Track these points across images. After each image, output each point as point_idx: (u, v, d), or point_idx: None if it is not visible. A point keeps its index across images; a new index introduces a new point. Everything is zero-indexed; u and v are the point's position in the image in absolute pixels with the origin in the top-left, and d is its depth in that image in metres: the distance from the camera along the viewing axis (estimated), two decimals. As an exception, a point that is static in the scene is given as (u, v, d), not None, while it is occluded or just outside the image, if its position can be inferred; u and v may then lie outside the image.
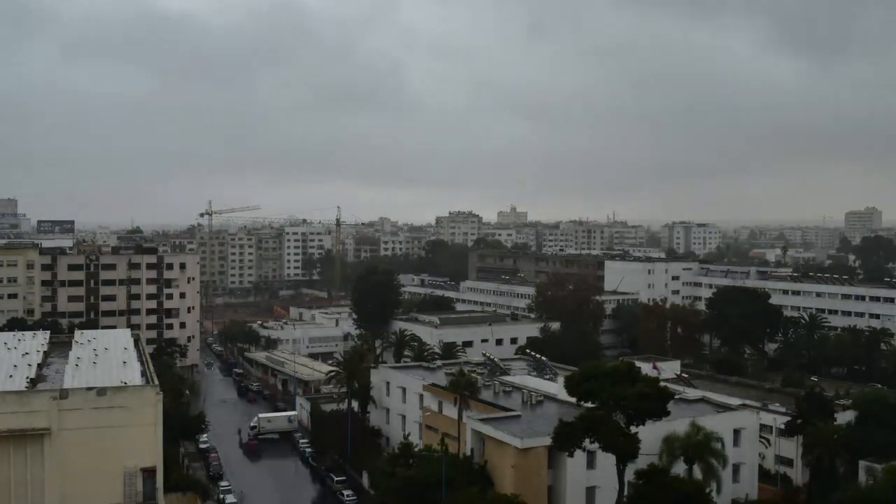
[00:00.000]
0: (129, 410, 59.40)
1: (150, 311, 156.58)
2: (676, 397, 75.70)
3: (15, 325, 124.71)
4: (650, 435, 66.97)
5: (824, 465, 79.10)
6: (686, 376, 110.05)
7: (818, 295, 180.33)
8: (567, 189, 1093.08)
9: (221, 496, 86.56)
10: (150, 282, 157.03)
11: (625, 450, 61.69)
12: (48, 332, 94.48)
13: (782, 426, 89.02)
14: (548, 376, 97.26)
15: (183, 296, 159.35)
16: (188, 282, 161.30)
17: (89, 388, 59.96)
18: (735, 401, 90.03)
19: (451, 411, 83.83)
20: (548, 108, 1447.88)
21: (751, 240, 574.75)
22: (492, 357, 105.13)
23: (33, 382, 64.19)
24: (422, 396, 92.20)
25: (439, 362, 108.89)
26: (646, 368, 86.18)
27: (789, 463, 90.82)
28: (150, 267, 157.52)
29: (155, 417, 60.16)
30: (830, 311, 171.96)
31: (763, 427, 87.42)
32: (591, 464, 69.24)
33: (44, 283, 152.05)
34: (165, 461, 67.03)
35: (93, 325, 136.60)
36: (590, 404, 66.09)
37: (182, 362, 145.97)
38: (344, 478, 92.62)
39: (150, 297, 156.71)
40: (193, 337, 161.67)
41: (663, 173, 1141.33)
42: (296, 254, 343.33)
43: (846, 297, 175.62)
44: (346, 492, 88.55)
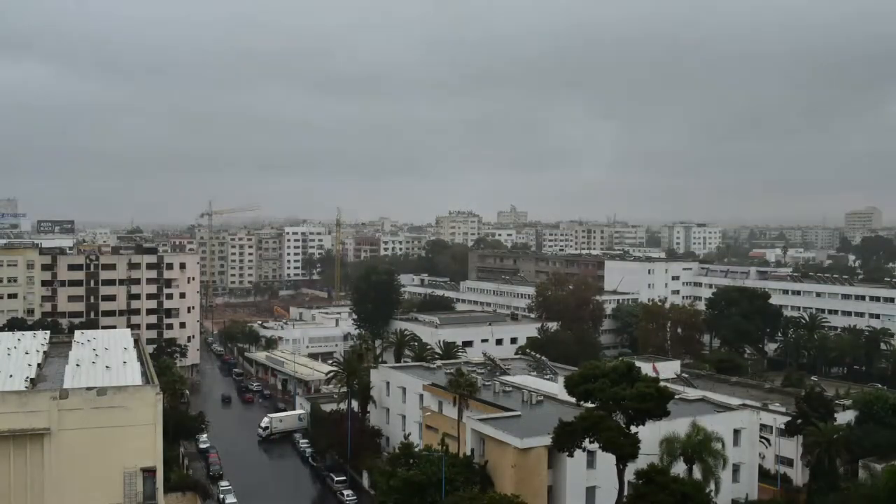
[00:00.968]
0: (129, 410, 59.44)
1: (150, 311, 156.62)
2: (676, 397, 75.66)
3: (15, 325, 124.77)
4: (650, 435, 67.01)
5: (824, 465, 79.05)
6: (686, 376, 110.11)
7: (818, 295, 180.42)
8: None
9: (221, 496, 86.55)
10: (150, 282, 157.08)
11: (625, 450, 61.66)
12: (48, 332, 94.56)
13: (782, 426, 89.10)
14: (548, 376, 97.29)
15: (183, 296, 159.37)
16: (188, 282, 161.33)
17: (89, 388, 60.00)
18: (735, 401, 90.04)
19: (451, 411, 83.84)
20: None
21: (751, 240, 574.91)
22: (492, 357, 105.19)
23: (33, 382, 64.22)
24: (422, 396, 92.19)
25: (439, 362, 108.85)
26: (646, 368, 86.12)
27: (789, 463, 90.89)
28: (150, 267, 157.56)
29: (155, 417, 60.18)
30: (830, 311, 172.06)
31: (763, 427, 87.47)
32: (591, 464, 69.22)
33: (44, 283, 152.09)
34: (165, 461, 67.11)
35: (93, 325, 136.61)
36: (590, 404, 66.12)
37: (182, 362, 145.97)
38: (344, 478, 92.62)
39: (150, 297, 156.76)
40: (193, 337, 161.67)
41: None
42: (296, 254, 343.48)
43: (846, 297, 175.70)
44: (346, 492, 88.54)
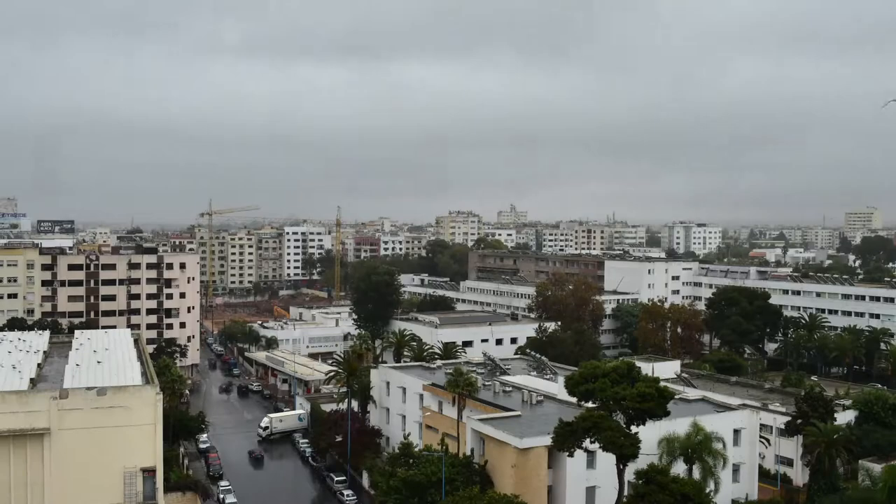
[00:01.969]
0: (129, 410, 59.43)
1: (150, 311, 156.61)
2: (676, 397, 75.64)
3: (15, 325, 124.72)
4: (650, 435, 67.03)
5: (824, 465, 79.05)
6: (686, 376, 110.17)
7: (818, 295, 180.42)
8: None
9: (221, 496, 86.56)
10: (150, 282, 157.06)
11: (625, 450, 61.65)
12: (48, 332, 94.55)
13: (782, 426, 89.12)
14: (548, 376, 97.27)
15: (183, 296, 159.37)
16: (188, 282, 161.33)
17: (89, 388, 59.98)
18: (735, 401, 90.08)
19: (450, 411, 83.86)
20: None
21: (751, 240, 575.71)
22: (492, 357, 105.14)
23: (33, 382, 64.22)
24: (422, 396, 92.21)
25: (439, 362, 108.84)
26: (646, 368, 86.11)
27: (789, 463, 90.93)
28: (150, 267, 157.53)
29: (155, 417, 60.16)
30: (830, 311, 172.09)
31: (763, 427, 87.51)
32: (591, 464, 69.24)
33: (44, 283, 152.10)
34: (165, 461, 67.12)
35: (93, 325, 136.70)
36: (590, 404, 66.12)
37: (182, 362, 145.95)
38: (344, 478, 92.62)
39: (150, 297, 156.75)
40: (193, 337, 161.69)
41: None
42: (296, 254, 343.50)
43: (846, 297, 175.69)
44: (346, 492, 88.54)
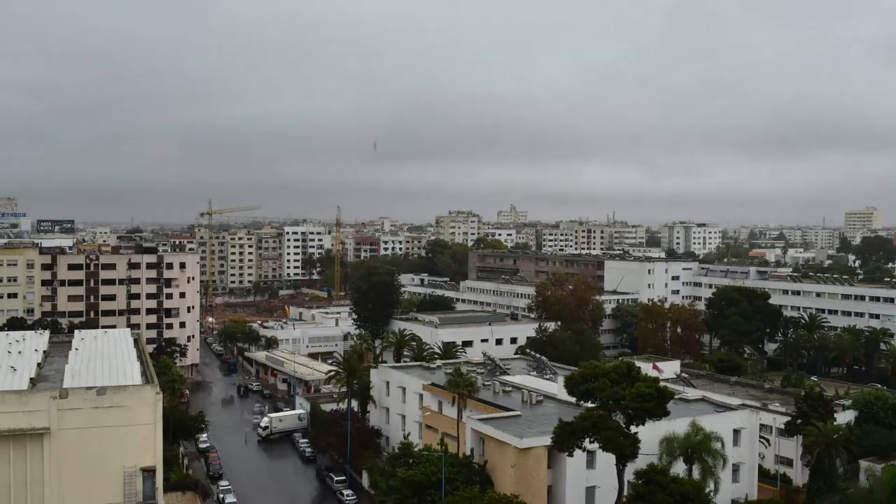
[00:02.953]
0: (128, 410, 59.37)
1: (149, 311, 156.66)
2: (676, 397, 75.68)
3: (15, 324, 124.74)
4: (650, 435, 67.00)
5: (824, 465, 79.07)
6: (686, 376, 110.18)
7: (818, 295, 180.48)
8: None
9: (221, 496, 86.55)
10: (149, 281, 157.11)
11: (624, 449, 61.68)
12: (48, 331, 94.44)
13: (782, 426, 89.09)
14: (548, 376, 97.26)
15: (183, 295, 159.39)
16: (188, 281, 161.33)
17: (89, 388, 59.92)
18: (735, 401, 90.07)
19: (450, 411, 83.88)
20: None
21: (751, 240, 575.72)
22: (492, 357, 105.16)
23: (33, 382, 64.18)
24: (421, 396, 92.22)
25: (439, 362, 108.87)
26: (646, 368, 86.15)
27: (789, 463, 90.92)
28: (149, 267, 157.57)
29: (155, 417, 60.13)
30: (830, 311, 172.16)
31: (763, 427, 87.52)
32: (590, 463, 69.22)
33: (44, 282, 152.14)
34: (165, 461, 67.09)
35: (93, 324, 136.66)
36: (590, 404, 66.12)
37: (182, 362, 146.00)
38: (344, 478, 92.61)
39: (149, 296, 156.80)
40: (193, 337, 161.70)
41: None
42: (296, 254, 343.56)
43: (846, 297, 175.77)
44: (346, 492, 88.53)
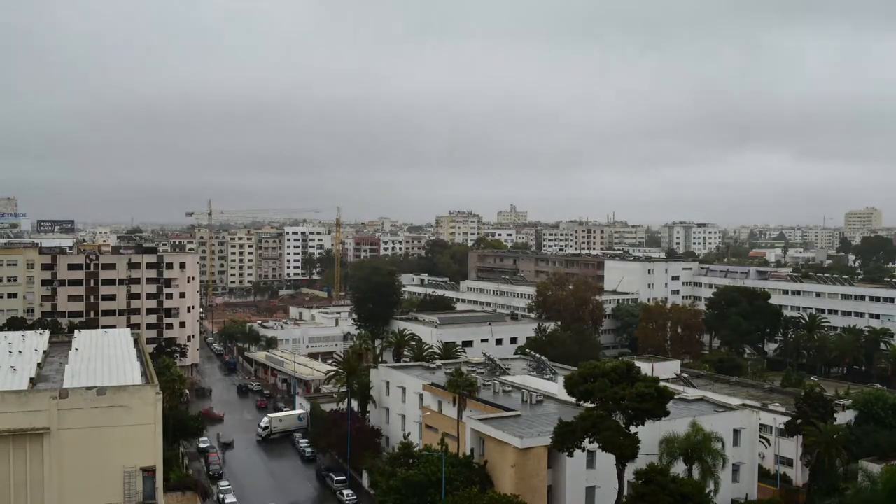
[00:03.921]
0: (128, 410, 59.35)
1: (149, 311, 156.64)
2: (676, 397, 75.70)
3: (15, 324, 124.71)
4: (650, 435, 67.04)
5: (824, 465, 79.12)
6: (686, 376, 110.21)
7: (818, 295, 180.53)
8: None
9: (221, 496, 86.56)
10: (149, 281, 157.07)
11: (624, 450, 61.69)
12: (48, 331, 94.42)
13: (782, 426, 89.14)
14: (548, 376, 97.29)
15: (183, 295, 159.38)
16: (188, 281, 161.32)
17: (89, 388, 59.91)
18: (735, 401, 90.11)
19: (450, 411, 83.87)
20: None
21: (751, 240, 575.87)
22: (492, 357, 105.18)
23: (33, 382, 64.16)
24: (421, 396, 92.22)
25: (439, 362, 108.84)
26: (646, 368, 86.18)
27: (789, 463, 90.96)
28: (149, 267, 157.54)
29: (155, 417, 60.12)
30: (830, 311, 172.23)
31: (763, 427, 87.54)
32: (590, 464, 69.25)
33: (44, 282, 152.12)
34: (165, 461, 67.10)
35: (93, 324, 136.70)
36: (589, 404, 66.12)
37: (182, 362, 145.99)
38: (344, 478, 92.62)
39: (149, 296, 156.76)
40: (193, 337, 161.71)
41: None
42: (296, 254, 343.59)
43: (846, 297, 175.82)
44: (346, 492, 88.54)
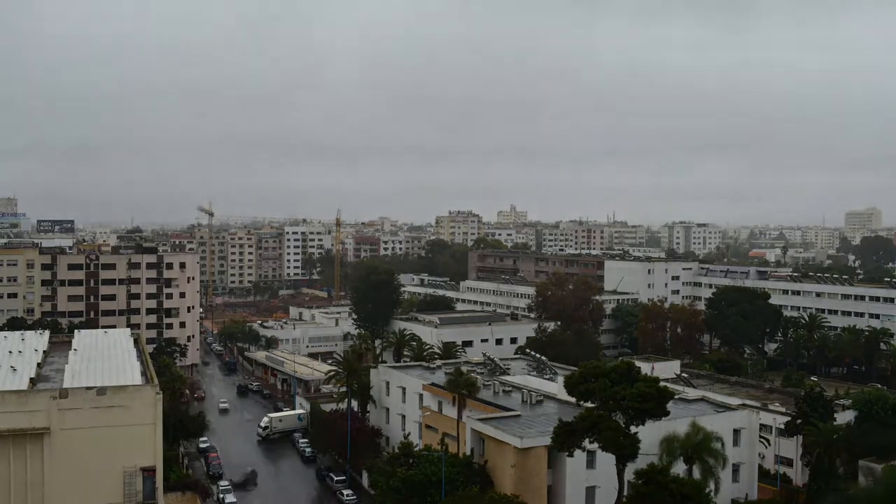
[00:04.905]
0: (128, 410, 59.37)
1: (149, 311, 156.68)
2: (676, 397, 75.70)
3: (15, 324, 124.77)
4: (650, 435, 66.99)
5: (824, 465, 79.11)
6: (686, 376, 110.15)
7: (818, 295, 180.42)
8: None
9: (221, 496, 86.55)
10: (149, 281, 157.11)
11: (624, 449, 61.69)
12: (48, 331, 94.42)
13: (782, 426, 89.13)
14: (548, 376, 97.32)
15: (183, 295, 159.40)
16: (188, 281, 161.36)
17: (89, 388, 59.92)
18: (735, 401, 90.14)
19: (450, 411, 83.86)
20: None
21: (751, 240, 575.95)
22: (492, 357, 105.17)
23: (33, 382, 64.16)
24: (421, 396, 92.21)
25: (439, 362, 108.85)
26: (646, 368, 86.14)
27: (789, 463, 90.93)
28: (149, 266, 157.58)
29: (155, 417, 60.13)
30: (830, 311, 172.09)
31: (763, 427, 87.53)
32: (590, 463, 69.24)
33: (44, 282, 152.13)
34: (165, 461, 67.07)
35: (93, 324, 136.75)
36: (589, 404, 66.13)
37: (182, 362, 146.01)
38: (344, 477, 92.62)
39: (149, 296, 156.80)
40: (193, 337, 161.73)
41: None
42: (296, 254, 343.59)
43: (846, 297, 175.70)
44: (346, 492, 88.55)
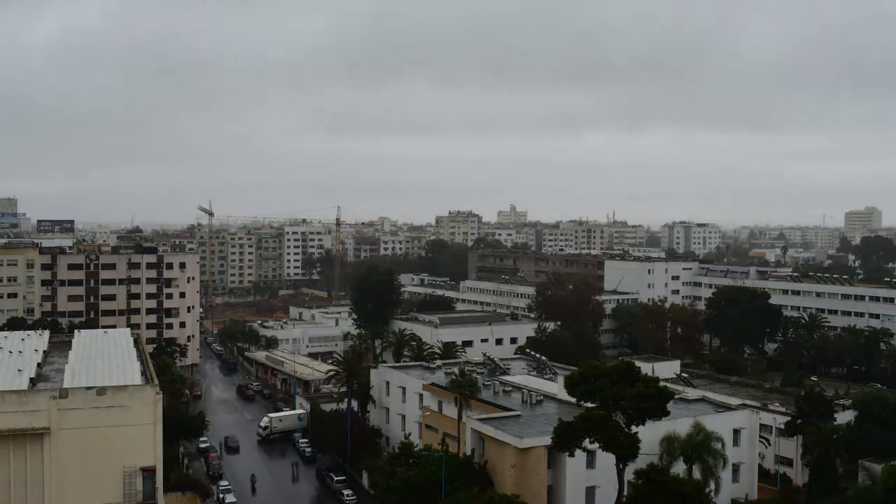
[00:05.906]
0: (128, 410, 59.34)
1: (149, 311, 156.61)
2: (676, 397, 75.67)
3: (15, 324, 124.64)
4: (650, 435, 66.99)
5: (824, 465, 79.08)
6: (686, 376, 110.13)
7: (818, 295, 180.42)
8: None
9: (221, 496, 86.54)
10: (149, 281, 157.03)
11: (625, 449, 61.66)
12: (48, 331, 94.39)
13: (782, 426, 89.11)
14: (548, 376, 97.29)
15: (183, 295, 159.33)
16: (188, 281, 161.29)
17: (89, 388, 59.89)
18: (735, 401, 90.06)
19: (450, 411, 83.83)
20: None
21: (751, 240, 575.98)
22: (492, 357, 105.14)
23: (33, 382, 64.14)
24: (421, 396, 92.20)
25: (439, 362, 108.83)
26: (646, 368, 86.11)
27: (789, 463, 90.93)
28: (149, 266, 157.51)
29: (155, 417, 60.10)
30: (830, 311, 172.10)
31: (763, 427, 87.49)
32: (590, 463, 69.21)
33: (44, 282, 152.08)
34: (165, 461, 67.04)
35: (93, 324, 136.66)
36: (589, 404, 66.12)
37: (182, 362, 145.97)
38: (344, 478, 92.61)
39: (149, 296, 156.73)
40: (193, 337, 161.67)
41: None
42: (296, 254, 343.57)
43: (846, 297, 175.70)
44: (346, 491, 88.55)
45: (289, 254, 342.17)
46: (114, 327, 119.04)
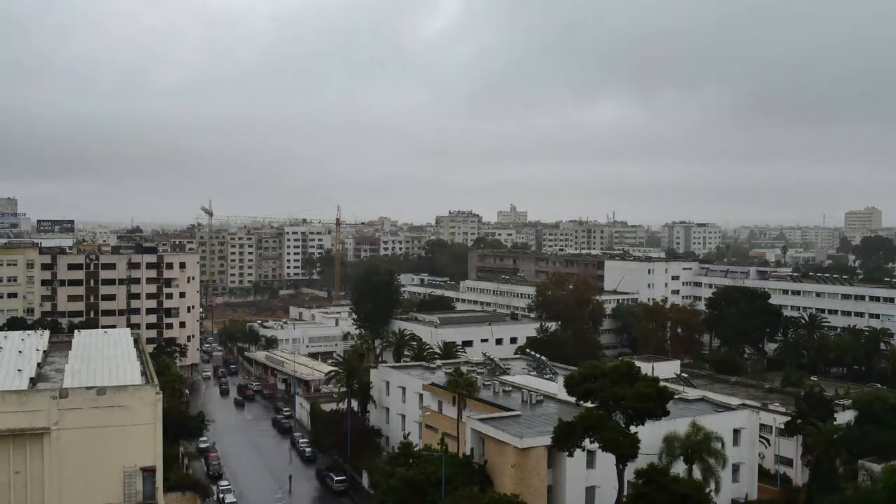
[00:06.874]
0: (128, 410, 59.42)
1: (149, 311, 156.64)
2: (676, 397, 75.67)
3: (15, 324, 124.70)
4: (650, 435, 66.99)
5: (824, 465, 79.08)
6: (686, 376, 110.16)
7: (818, 295, 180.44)
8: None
9: (221, 496, 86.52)
10: (149, 281, 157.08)
11: (625, 449, 61.66)
12: (48, 331, 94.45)
13: (782, 426, 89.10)
14: (548, 376, 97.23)
15: (183, 295, 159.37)
16: (188, 281, 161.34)
17: (89, 388, 59.97)
18: (735, 401, 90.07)
19: (450, 411, 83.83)
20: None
21: (751, 240, 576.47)
22: (492, 357, 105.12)
23: (33, 382, 64.20)
24: (421, 396, 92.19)
25: (439, 362, 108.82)
26: (646, 368, 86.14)
27: (789, 463, 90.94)
28: (149, 266, 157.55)
29: (155, 417, 60.17)
30: (830, 311, 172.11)
31: (763, 427, 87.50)
32: (590, 463, 69.22)
33: (44, 282, 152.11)
34: (165, 461, 67.08)
35: (93, 324, 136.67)
36: (589, 404, 66.13)
37: (182, 362, 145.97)
38: (344, 477, 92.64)
39: (149, 296, 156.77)
40: (193, 337, 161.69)
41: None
42: (296, 254, 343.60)
43: (846, 297, 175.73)
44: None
45: (289, 254, 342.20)
46: (114, 327, 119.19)
